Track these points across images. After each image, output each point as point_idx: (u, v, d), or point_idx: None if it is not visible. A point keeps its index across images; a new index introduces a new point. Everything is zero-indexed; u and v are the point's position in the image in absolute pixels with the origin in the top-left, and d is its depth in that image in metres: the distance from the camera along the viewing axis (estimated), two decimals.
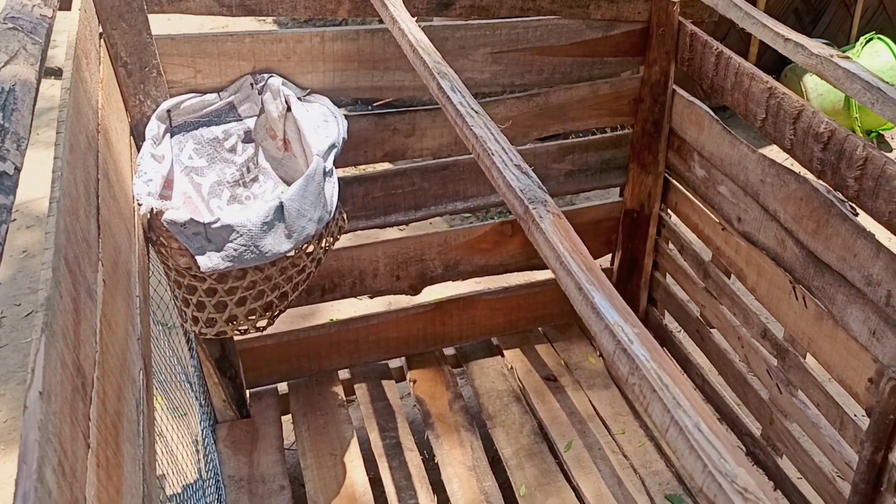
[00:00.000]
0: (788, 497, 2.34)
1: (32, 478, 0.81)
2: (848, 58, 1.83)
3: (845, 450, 2.04)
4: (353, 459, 2.45)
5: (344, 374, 2.75)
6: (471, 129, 1.38)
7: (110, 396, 1.20)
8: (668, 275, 2.76)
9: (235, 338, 2.46)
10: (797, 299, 2.09)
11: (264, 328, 2.11)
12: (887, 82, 2.27)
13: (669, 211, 2.66)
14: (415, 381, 2.73)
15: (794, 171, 2.03)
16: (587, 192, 2.71)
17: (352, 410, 2.66)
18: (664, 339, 2.83)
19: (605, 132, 2.64)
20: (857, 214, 1.88)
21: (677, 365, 2.74)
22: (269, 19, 6.14)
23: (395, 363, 2.82)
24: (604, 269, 2.92)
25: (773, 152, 4.34)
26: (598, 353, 2.83)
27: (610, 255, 2.88)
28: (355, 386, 2.72)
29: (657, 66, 2.42)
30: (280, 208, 1.86)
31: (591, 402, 2.66)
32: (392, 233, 2.65)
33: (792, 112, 1.95)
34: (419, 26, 2.01)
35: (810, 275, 2.03)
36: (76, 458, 0.97)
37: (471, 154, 2.48)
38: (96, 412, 1.10)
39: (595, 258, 2.85)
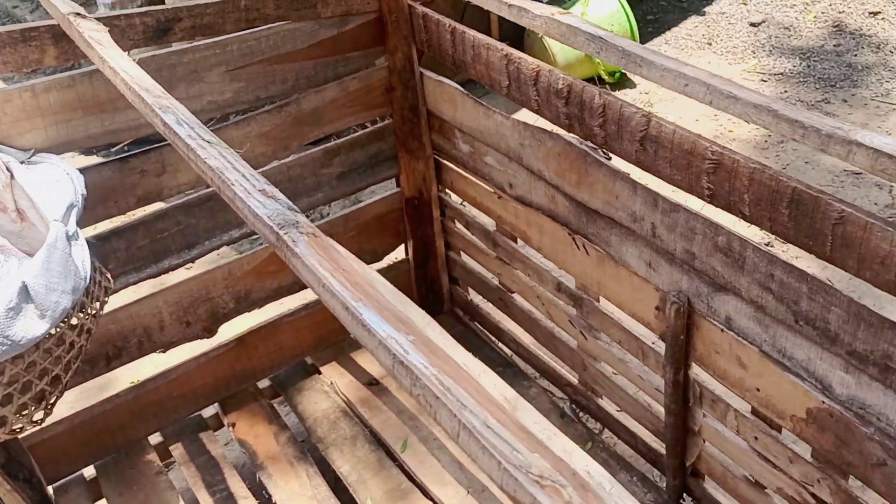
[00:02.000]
0: (616, 433, 2.45)
1: None
2: (569, 13, 1.89)
3: (652, 377, 2.15)
4: None
5: (155, 438, 2.55)
6: (205, 162, 1.28)
7: None
8: (461, 252, 2.78)
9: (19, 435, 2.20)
10: (579, 249, 2.17)
11: (43, 420, 1.89)
12: (610, 30, 2.39)
13: (448, 191, 2.68)
14: (234, 425, 2.58)
15: (547, 129, 2.10)
16: (363, 189, 2.67)
17: (172, 475, 2.47)
18: (473, 313, 2.87)
19: (367, 127, 2.60)
20: (610, 158, 1.97)
21: (459, 369, 2.78)
22: None
23: (209, 412, 2.65)
24: (400, 261, 2.90)
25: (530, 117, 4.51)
26: None
27: (403, 246, 2.86)
28: (171, 448, 2.53)
29: (399, 53, 2.41)
30: (24, 289, 1.66)
31: None
32: (174, 277, 2.48)
33: (530, 74, 2.00)
34: (137, 59, 1.86)
35: (584, 224, 2.11)
36: None
37: None
38: None
39: (389, 251, 2.85)
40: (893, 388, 1.52)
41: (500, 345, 2.80)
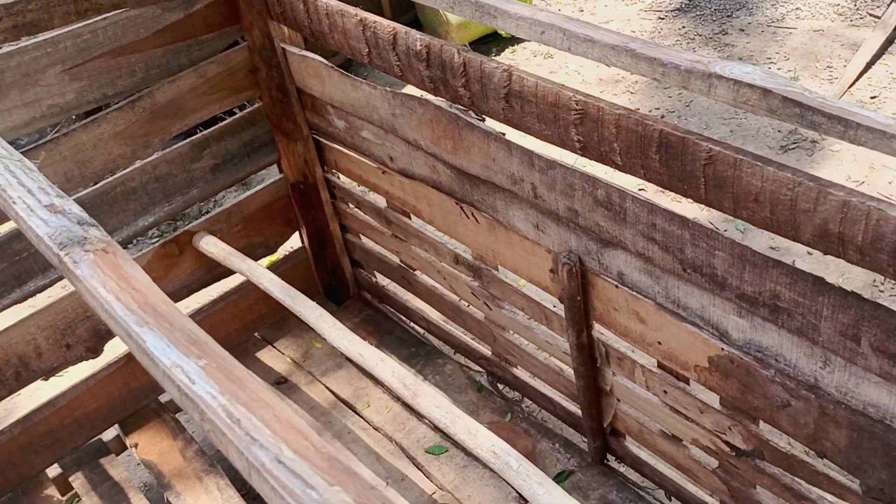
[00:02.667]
0: (535, 400, 2.37)
1: None
2: None
3: (558, 341, 2.06)
4: None
5: (54, 470, 2.38)
6: None
7: None
8: (360, 235, 2.65)
9: None
10: (468, 218, 2.05)
11: None
12: None
13: (334, 171, 2.53)
14: (136, 445, 2.43)
15: (417, 95, 1.96)
16: (242, 180, 2.50)
17: None
18: (381, 295, 2.75)
19: (236, 113, 2.44)
20: (483, 120, 1.85)
21: (258, 393, 2.67)
22: None
23: (109, 435, 2.49)
24: (296, 249, 2.76)
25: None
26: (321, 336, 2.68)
27: (297, 234, 2.72)
28: (71, 479, 2.37)
29: (256, 30, 2.24)
30: None
31: (328, 388, 2.52)
32: (43, 299, 2.31)
33: (387, 38, 1.86)
34: None
35: (468, 191, 1.99)
36: None
37: (91, 187, 2.18)
38: None
39: (282, 241, 2.69)
40: (786, 328, 1.45)
41: (412, 324, 2.69)
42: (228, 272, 2.50)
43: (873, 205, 1.18)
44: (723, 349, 1.60)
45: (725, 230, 3.28)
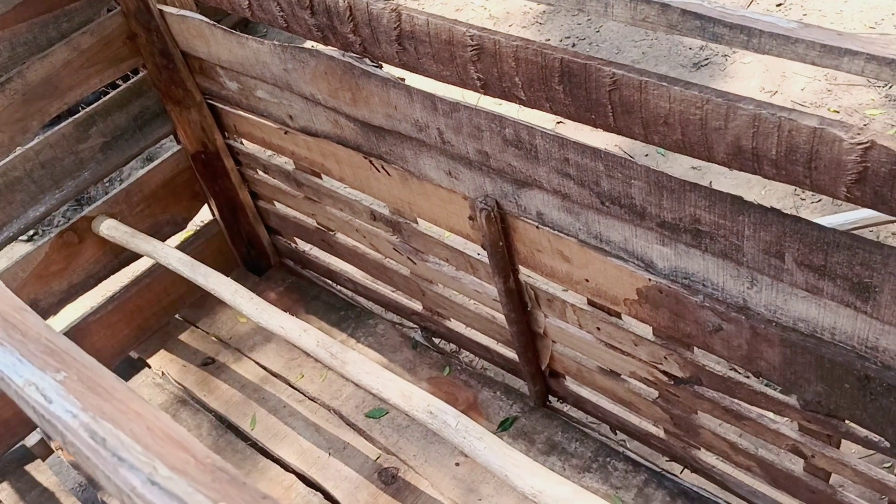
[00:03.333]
0: (472, 350, 2.32)
1: None
2: None
3: (487, 288, 2.00)
4: None
5: None
6: None
7: None
8: (274, 201, 2.52)
9: None
10: (379, 171, 1.96)
11: None
12: None
13: (235, 136, 2.39)
14: (62, 448, 2.30)
15: (307, 47, 1.84)
16: (138, 156, 2.34)
17: None
18: (303, 261, 2.64)
19: (119, 85, 2.26)
20: (380, 66, 1.74)
21: (127, 403, 2.57)
22: None
23: (32, 439, 2.36)
24: (208, 223, 2.62)
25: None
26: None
27: (207, 206, 2.57)
28: None
29: None
30: None
31: (258, 363, 2.42)
32: None
33: None
34: None
35: (374, 144, 1.89)
36: None
37: None
38: None
39: (191, 216, 2.55)
40: (710, 252, 1.41)
41: (338, 287, 2.60)
42: (137, 255, 2.36)
43: (784, 115, 1.12)
44: (650, 280, 1.55)
45: (647, 154, 3.25)
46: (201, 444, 0.67)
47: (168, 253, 2.14)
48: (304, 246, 2.62)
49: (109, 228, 2.24)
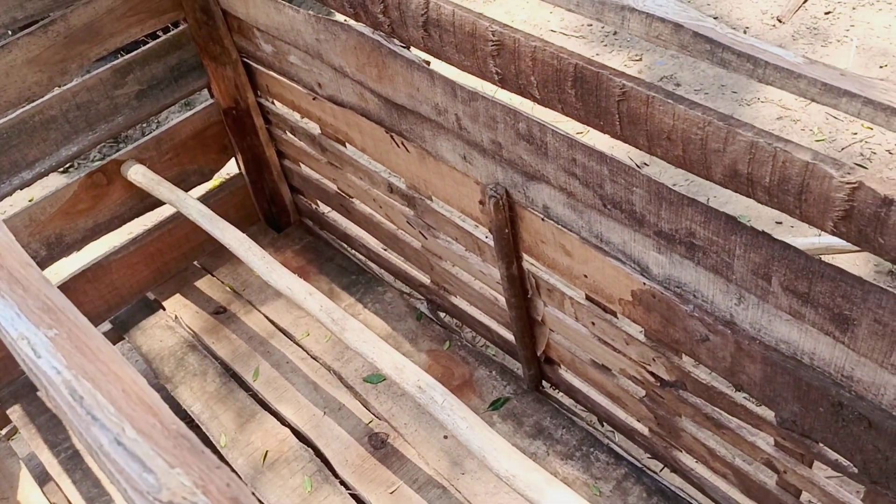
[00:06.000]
0: (473, 328, 2.37)
1: None
2: None
3: (492, 271, 2.05)
4: (29, 493, 2.14)
5: None
6: None
7: None
8: (300, 162, 2.58)
9: None
10: (399, 147, 2.00)
11: None
12: None
13: (267, 97, 2.44)
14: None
15: (340, 21, 1.87)
16: (171, 106, 2.41)
17: (16, 442, 2.32)
18: (321, 223, 2.70)
19: (159, 36, 2.32)
20: (408, 47, 1.77)
21: (109, 365, 2.63)
22: None
23: None
24: (234, 176, 2.69)
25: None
26: None
27: (234, 160, 2.64)
28: (8, 411, 2.36)
29: None
30: None
31: (267, 317, 2.50)
32: None
33: None
34: None
35: (396, 120, 1.93)
36: None
37: (6, 116, 2.09)
38: None
39: (217, 168, 2.62)
40: (702, 265, 1.44)
41: (353, 251, 2.66)
42: (159, 202, 2.44)
43: (780, 146, 1.14)
44: (644, 283, 1.59)
45: None
46: (170, 411, 0.73)
47: (190, 204, 2.21)
48: (323, 208, 2.69)
49: (137, 174, 2.31)
